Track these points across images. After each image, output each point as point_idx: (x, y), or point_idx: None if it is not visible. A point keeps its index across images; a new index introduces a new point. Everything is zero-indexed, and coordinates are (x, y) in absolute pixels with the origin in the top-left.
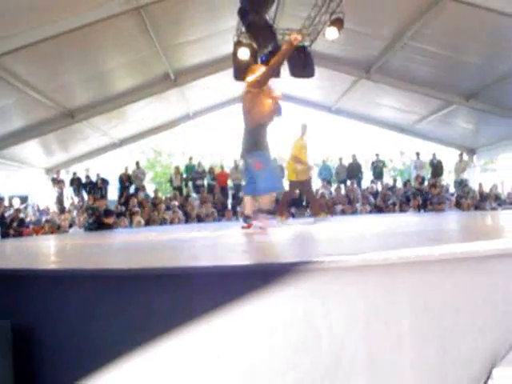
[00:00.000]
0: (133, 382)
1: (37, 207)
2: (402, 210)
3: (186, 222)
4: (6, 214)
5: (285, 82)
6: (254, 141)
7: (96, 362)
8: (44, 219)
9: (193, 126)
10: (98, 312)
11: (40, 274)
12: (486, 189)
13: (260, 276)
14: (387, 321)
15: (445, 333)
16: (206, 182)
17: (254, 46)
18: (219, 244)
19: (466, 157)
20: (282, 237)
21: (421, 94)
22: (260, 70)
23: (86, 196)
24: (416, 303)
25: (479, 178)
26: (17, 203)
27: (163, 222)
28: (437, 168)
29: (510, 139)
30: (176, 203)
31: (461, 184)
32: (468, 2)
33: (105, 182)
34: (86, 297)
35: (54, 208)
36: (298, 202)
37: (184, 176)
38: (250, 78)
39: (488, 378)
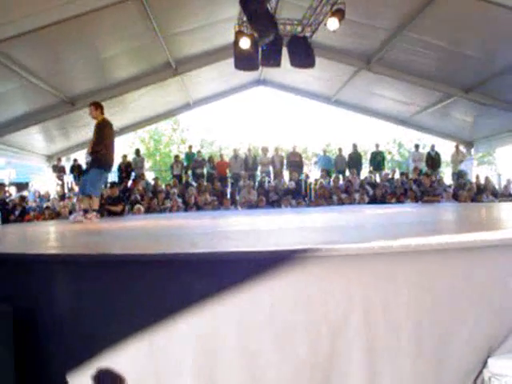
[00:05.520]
0: (131, 364)
1: (38, 194)
2: (399, 201)
3: (185, 210)
4: (8, 200)
5: (285, 72)
6: None
7: (96, 345)
8: (44, 206)
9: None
10: (97, 296)
11: (41, 258)
12: (483, 181)
13: (260, 263)
14: (385, 309)
15: (442, 322)
16: (205, 171)
17: (255, 35)
18: (218, 232)
19: (463, 149)
20: (282, 225)
21: (420, 85)
22: None
23: None
24: (414, 292)
25: (476, 171)
26: (14, 191)
27: (163, 209)
28: (434, 160)
29: (508, 132)
30: (175, 191)
31: (458, 176)
32: None
33: None
34: (86, 281)
35: (54, 194)
36: (295, 192)
37: (185, 164)
38: None
39: (483, 367)
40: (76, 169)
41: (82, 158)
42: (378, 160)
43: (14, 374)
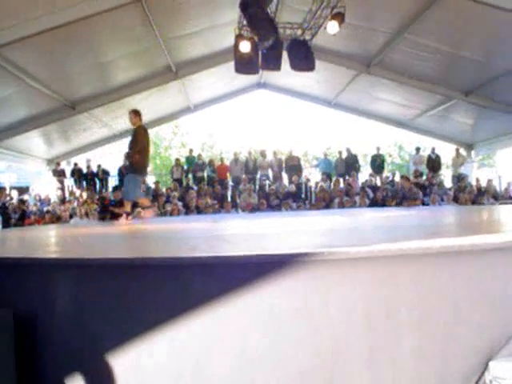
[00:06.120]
0: (130, 367)
1: (38, 197)
2: (398, 204)
3: (186, 213)
4: (7, 204)
5: (285, 76)
6: None
7: (95, 348)
8: (45, 209)
9: (193, 118)
10: (97, 300)
11: (41, 262)
12: (484, 184)
13: (260, 267)
14: (387, 313)
15: (444, 326)
16: (206, 174)
17: (256, 39)
18: (218, 235)
19: (463, 152)
20: (283, 228)
21: (420, 88)
22: None
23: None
24: (415, 296)
25: (477, 173)
26: (15, 195)
27: (163, 213)
28: (435, 163)
29: (508, 135)
30: (176, 194)
31: (458, 179)
32: None
33: (105, 173)
34: (86, 285)
35: (54, 198)
36: (295, 195)
37: (185, 168)
38: None
39: (484, 370)
40: (76, 173)
41: (83, 161)
42: (378, 163)
43: (15, 378)
